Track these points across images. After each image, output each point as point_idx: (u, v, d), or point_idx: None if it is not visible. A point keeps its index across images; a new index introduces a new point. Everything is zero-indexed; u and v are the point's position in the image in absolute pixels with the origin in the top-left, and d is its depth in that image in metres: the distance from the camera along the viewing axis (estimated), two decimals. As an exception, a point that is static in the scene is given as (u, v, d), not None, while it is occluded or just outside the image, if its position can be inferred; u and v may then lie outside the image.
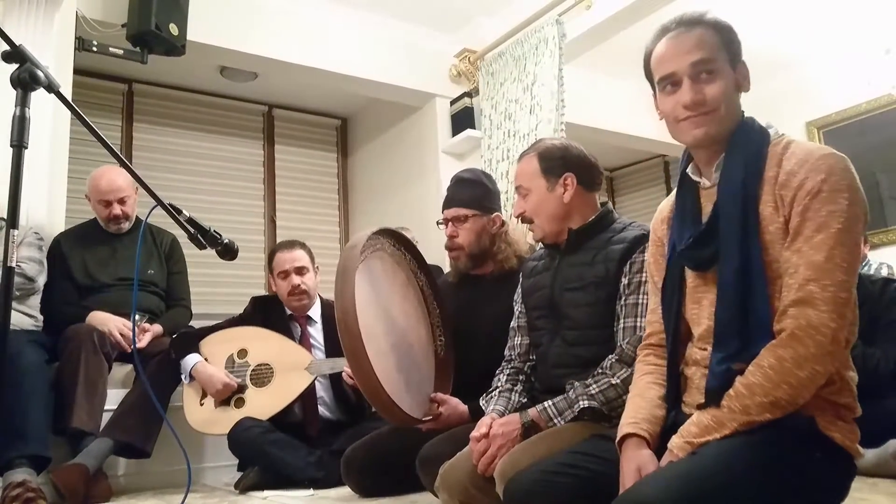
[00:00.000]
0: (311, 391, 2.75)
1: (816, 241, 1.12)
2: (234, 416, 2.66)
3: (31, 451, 2.23)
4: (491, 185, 2.34)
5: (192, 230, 1.61)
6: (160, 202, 1.57)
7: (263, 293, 4.37)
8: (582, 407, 1.60)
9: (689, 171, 1.34)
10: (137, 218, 3.07)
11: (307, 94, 5.06)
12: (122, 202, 2.94)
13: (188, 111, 4.85)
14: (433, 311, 2.27)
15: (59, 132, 3.12)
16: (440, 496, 1.67)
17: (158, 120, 4.72)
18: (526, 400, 1.82)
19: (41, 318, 2.71)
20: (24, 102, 1.28)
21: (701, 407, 1.20)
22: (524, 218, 1.86)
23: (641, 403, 1.33)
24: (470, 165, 3.88)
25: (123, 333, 2.71)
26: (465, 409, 2.04)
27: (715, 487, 1.06)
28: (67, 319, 2.71)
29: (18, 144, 1.26)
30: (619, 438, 1.30)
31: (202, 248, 1.64)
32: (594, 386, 1.61)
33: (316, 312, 2.94)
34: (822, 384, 1.12)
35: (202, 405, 2.74)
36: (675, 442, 1.18)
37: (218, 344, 2.81)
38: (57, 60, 3.10)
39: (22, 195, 1.28)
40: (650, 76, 1.33)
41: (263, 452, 2.55)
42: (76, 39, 3.33)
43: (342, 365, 2.61)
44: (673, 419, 1.28)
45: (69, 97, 1.82)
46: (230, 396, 2.73)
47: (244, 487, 2.54)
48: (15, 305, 2.52)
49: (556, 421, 1.63)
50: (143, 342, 2.77)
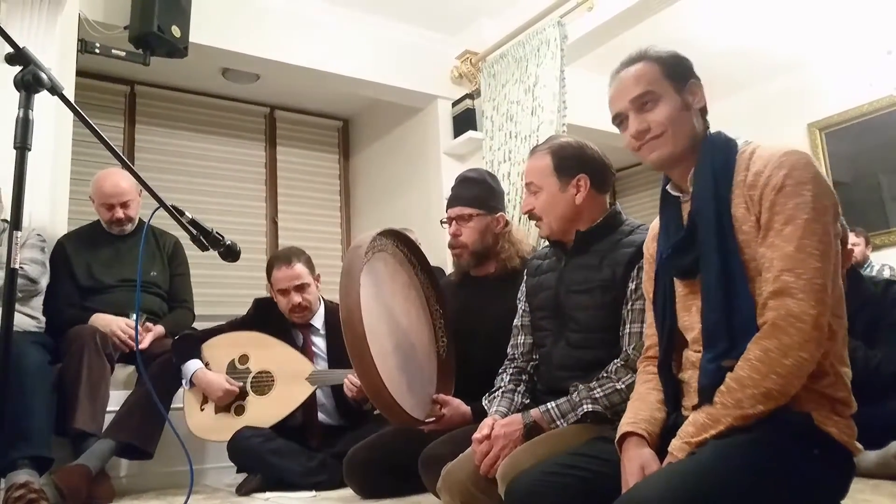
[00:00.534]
0: (311, 399, 2.72)
1: (786, 233, 1.17)
2: (234, 423, 2.65)
3: (33, 452, 2.23)
4: (495, 184, 2.34)
5: (194, 232, 1.61)
6: (162, 204, 1.57)
7: (265, 295, 4.38)
8: (586, 411, 1.60)
9: (668, 188, 1.40)
10: (140, 220, 3.07)
11: (309, 95, 5.07)
12: (124, 206, 2.94)
13: (190, 113, 4.86)
14: (435, 312, 2.27)
15: (61, 134, 3.13)
16: (442, 497, 1.66)
17: (161, 121, 4.73)
18: (528, 401, 1.82)
19: (44, 319, 2.72)
20: (27, 104, 1.28)
21: (696, 407, 1.22)
22: (532, 215, 1.84)
23: (641, 406, 1.35)
24: (471, 167, 3.88)
25: (125, 332, 2.71)
26: (467, 409, 2.04)
27: (714, 486, 1.07)
28: (70, 321, 2.72)
29: (22, 146, 1.26)
30: (618, 437, 1.31)
31: (204, 249, 1.65)
32: (598, 390, 1.61)
33: (319, 320, 2.88)
34: (811, 372, 1.14)
35: (203, 411, 2.72)
36: (674, 444, 1.20)
37: (219, 348, 2.79)
38: (59, 62, 3.11)
39: (25, 197, 1.28)
40: None
41: (264, 461, 2.53)
42: (79, 41, 3.34)
43: (342, 377, 2.59)
44: (673, 422, 1.30)
45: (72, 99, 1.82)
46: (231, 403, 2.71)
47: (246, 491, 2.54)
48: (17, 307, 2.51)
49: (558, 423, 1.63)
50: (144, 343, 2.77)
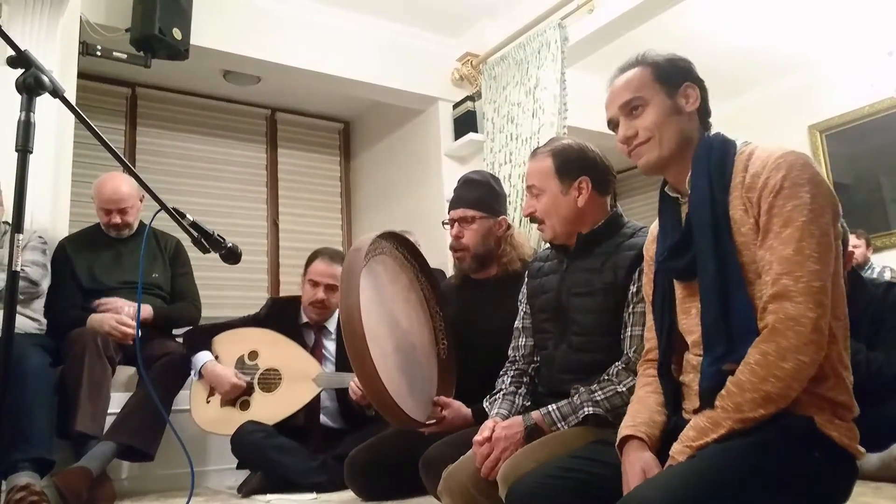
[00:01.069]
0: (315, 400, 2.74)
1: (784, 235, 1.16)
2: (238, 418, 2.67)
3: (34, 454, 2.23)
4: (498, 187, 2.34)
5: (195, 234, 1.62)
6: (164, 206, 1.57)
7: (266, 296, 4.39)
8: (586, 413, 1.60)
9: (666, 189, 1.40)
10: (141, 222, 3.08)
11: (310, 97, 5.07)
12: (122, 212, 2.94)
13: (191, 115, 4.87)
14: (435, 314, 2.27)
15: (63, 136, 3.13)
16: (443, 500, 1.66)
17: (162, 124, 4.74)
18: (529, 403, 1.82)
19: (45, 321, 2.72)
20: (29, 107, 1.28)
21: (697, 411, 1.22)
22: (534, 218, 1.83)
23: (641, 409, 1.35)
24: (472, 169, 3.88)
25: (121, 322, 2.71)
26: (468, 412, 2.04)
27: (715, 489, 1.07)
28: (71, 323, 2.72)
29: (24, 149, 1.27)
30: (618, 441, 1.31)
31: (206, 251, 1.65)
32: (599, 393, 1.61)
33: (332, 324, 2.92)
34: (811, 375, 1.14)
35: (208, 403, 2.74)
36: (675, 448, 1.20)
37: (230, 343, 2.82)
38: (61, 65, 3.11)
39: (26, 199, 1.28)
40: None
41: (266, 457, 2.55)
42: (80, 44, 3.35)
43: (349, 380, 2.60)
44: (674, 425, 1.29)
45: (73, 101, 1.83)
46: (236, 398, 2.73)
47: (247, 491, 2.54)
48: (19, 309, 2.52)
49: (559, 425, 1.63)
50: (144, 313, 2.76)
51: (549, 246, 1.92)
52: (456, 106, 4.46)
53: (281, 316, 2.91)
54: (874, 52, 4.62)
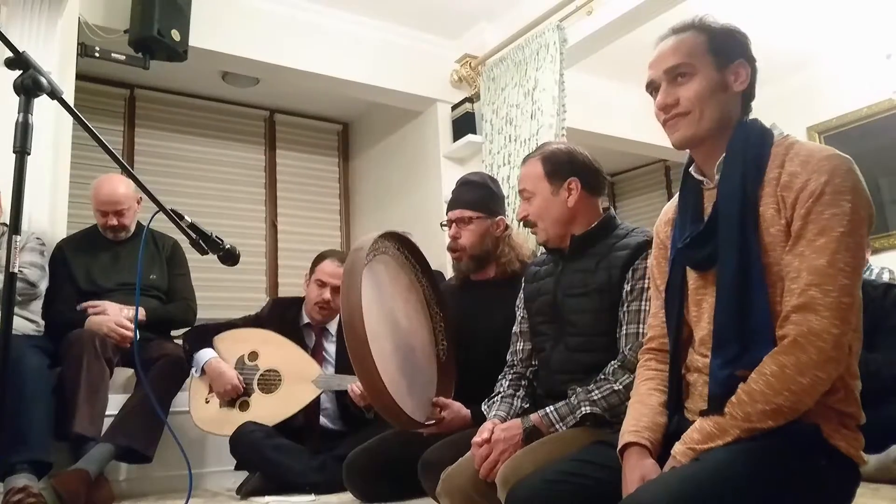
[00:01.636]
0: (314, 402, 2.73)
1: (819, 244, 1.11)
2: (237, 418, 2.67)
3: (32, 456, 2.23)
4: (496, 188, 2.35)
5: (193, 235, 1.62)
6: (162, 207, 1.57)
7: (264, 297, 4.38)
8: (584, 413, 1.60)
9: (691, 170, 1.34)
10: (139, 223, 3.07)
11: (309, 99, 5.07)
12: (119, 214, 2.94)
13: (190, 116, 4.87)
14: (435, 315, 2.27)
15: (61, 137, 3.13)
16: (442, 501, 1.66)
17: (160, 125, 4.74)
18: (528, 405, 1.82)
19: (43, 323, 2.72)
20: (27, 109, 1.28)
21: (703, 413, 1.19)
22: (527, 221, 1.86)
23: (643, 411, 1.32)
24: (471, 170, 3.88)
25: (120, 324, 2.70)
26: (467, 413, 2.04)
27: (716, 493, 1.05)
28: (69, 324, 2.71)
29: (21, 150, 1.26)
30: (620, 446, 1.29)
31: (204, 253, 1.65)
32: (596, 392, 1.61)
33: (333, 326, 2.93)
34: (826, 391, 1.11)
35: (207, 402, 2.74)
36: (677, 448, 1.18)
37: (231, 342, 2.82)
38: (59, 66, 3.11)
39: (24, 200, 1.28)
40: None
41: (265, 457, 2.54)
42: (79, 45, 3.34)
43: (349, 382, 2.60)
44: (676, 425, 1.27)
45: (71, 102, 1.83)
46: (235, 398, 2.73)
47: (246, 492, 2.54)
48: (17, 310, 2.52)
49: (557, 426, 1.63)
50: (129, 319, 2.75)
51: (545, 251, 1.94)
52: (454, 107, 4.46)
53: (282, 317, 2.91)
54: (873, 53, 4.62)
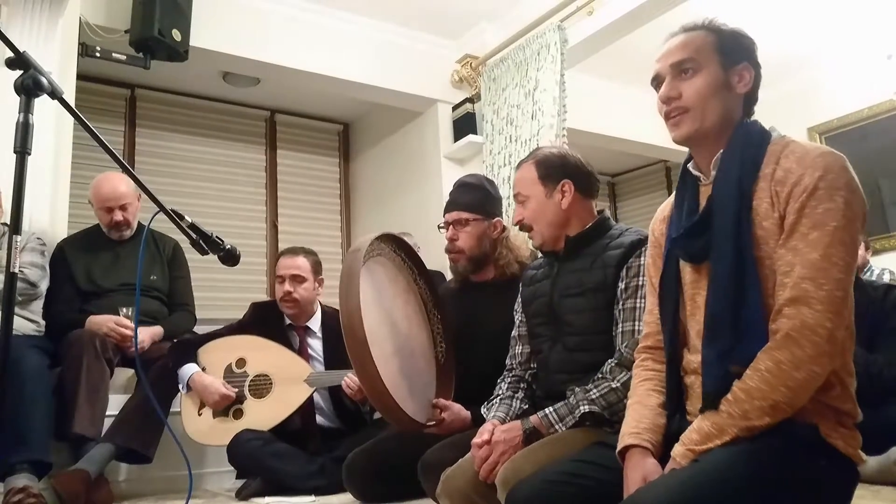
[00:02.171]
0: (308, 402, 2.72)
1: (812, 238, 1.12)
2: (232, 427, 2.64)
3: (32, 456, 2.22)
4: (493, 190, 2.35)
5: (194, 236, 1.61)
6: (162, 208, 1.57)
7: (265, 298, 4.38)
8: (583, 412, 1.60)
9: (689, 166, 1.35)
10: (140, 223, 3.07)
11: (309, 99, 5.07)
12: (123, 209, 2.94)
13: (191, 116, 4.87)
14: (433, 317, 2.27)
15: (62, 137, 3.13)
16: (441, 502, 1.66)
17: (161, 125, 4.74)
18: (527, 406, 1.82)
19: (43, 323, 2.72)
20: (27, 109, 1.28)
21: (700, 411, 1.19)
22: (523, 225, 1.88)
23: (643, 412, 1.32)
24: (471, 171, 3.89)
25: (120, 324, 2.70)
26: (467, 414, 2.04)
27: (716, 494, 1.06)
28: (69, 325, 2.71)
29: (22, 150, 1.26)
30: (621, 448, 1.29)
31: (204, 253, 1.64)
32: (594, 391, 1.62)
33: (316, 323, 2.90)
34: (821, 388, 1.12)
35: (200, 415, 2.71)
36: (677, 450, 1.18)
37: (216, 352, 2.79)
38: (60, 66, 3.11)
39: (25, 200, 1.28)
40: None
41: (264, 465, 2.53)
42: (79, 45, 3.34)
43: (341, 377, 2.60)
44: (677, 425, 1.27)
45: (72, 102, 1.82)
46: (229, 407, 2.70)
47: (246, 495, 2.53)
48: (17, 310, 2.52)
49: (557, 427, 1.63)
50: (143, 341, 2.75)
51: (541, 255, 1.95)
52: (455, 108, 4.46)
53: (264, 320, 2.88)
54: (873, 54, 4.62)
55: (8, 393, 1.25)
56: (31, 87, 1.28)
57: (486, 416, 1.81)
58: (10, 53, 1.28)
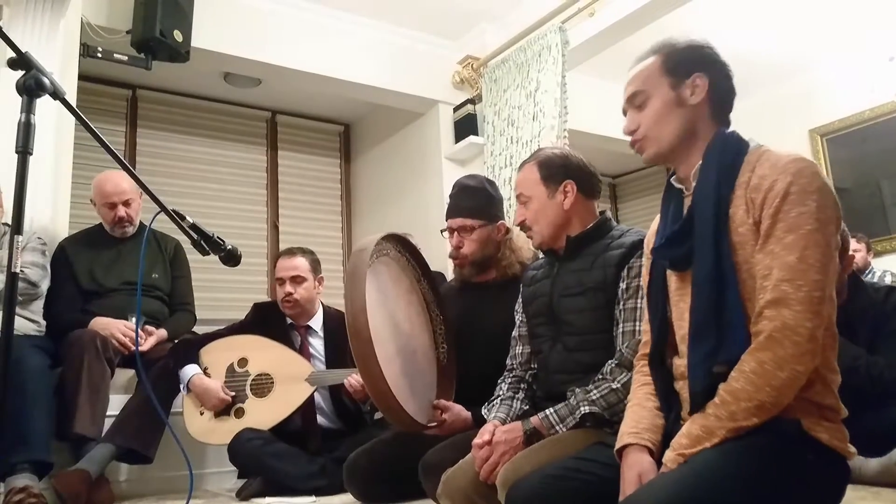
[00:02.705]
0: (309, 402, 2.73)
1: (788, 241, 1.15)
2: (233, 426, 2.65)
3: (33, 456, 2.23)
4: (494, 192, 2.34)
5: (195, 236, 1.61)
6: (163, 208, 1.57)
7: (265, 299, 4.38)
8: (583, 413, 1.60)
9: (672, 180, 1.40)
10: (141, 223, 3.07)
11: (310, 100, 5.07)
12: (126, 204, 2.95)
13: (192, 117, 4.87)
14: (435, 318, 2.27)
15: (63, 138, 3.13)
16: (442, 503, 1.66)
17: (162, 126, 4.74)
18: (528, 407, 1.82)
19: (44, 323, 2.72)
20: (29, 109, 1.28)
21: (689, 414, 1.22)
22: (524, 225, 1.88)
23: (642, 413, 1.34)
24: (473, 172, 3.88)
25: (125, 334, 2.71)
26: (468, 415, 2.03)
27: (710, 494, 1.07)
28: (71, 324, 2.71)
29: (23, 151, 1.26)
30: (619, 447, 1.30)
31: (205, 253, 1.64)
32: (595, 391, 1.62)
33: (317, 322, 2.92)
34: (803, 384, 1.14)
35: (202, 414, 2.72)
36: (668, 456, 1.19)
37: (218, 352, 2.80)
38: (62, 66, 3.11)
39: (26, 200, 1.28)
40: None
41: (264, 465, 2.54)
42: (81, 46, 3.35)
43: (343, 377, 2.60)
44: (670, 428, 1.29)
45: (74, 103, 1.83)
46: (230, 406, 2.71)
47: (246, 496, 2.54)
48: (18, 310, 2.52)
49: (557, 428, 1.63)
50: (146, 346, 2.77)
51: (542, 255, 1.95)
52: (456, 109, 4.46)
53: (266, 320, 2.90)
54: (875, 56, 4.62)
55: (9, 393, 1.25)
56: (33, 87, 1.28)
57: (486, 416, 1.81)
58: (12, 54, 1.28)
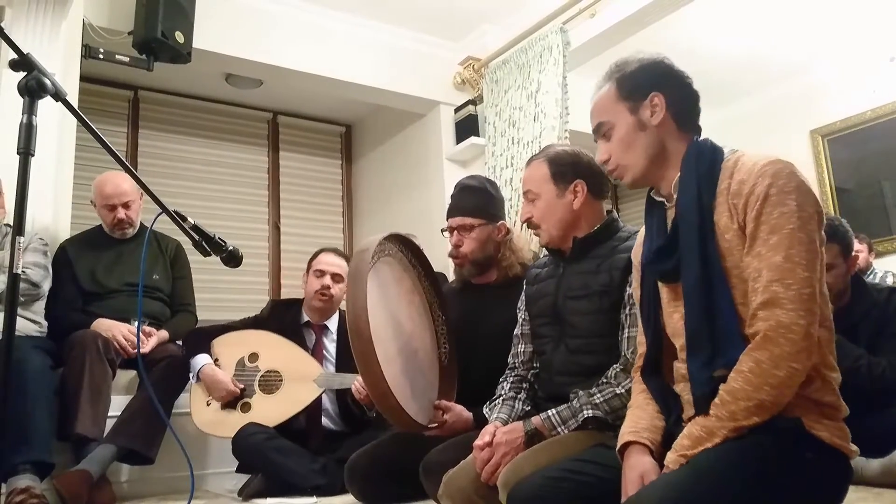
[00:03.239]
0: (316, 402, 2.74)
1: (773, 242, 1.16)
2: (239, 420, 2.67)
3: (34, 457, 2.23)
4: (495, 192, 2.34)
5: (196, 237, 1.61)
6: (165, 209, 1.57)
7: (266, 299, 4.38)
8: (586, 416, 1.60)
9: (652, 193, 1.41)
10: (142, 224, 3.07)
11: (312, 101, 5.08)
12: (126, 206, 2.95)
13: (193, 118, 4.87)
14: (437, 318, 2.27)
15: (65, 139, 3.13)
16: (443, 504, 1.66)
17: (164, 127, 4.74)
18: (529, 408, 1.82)
19: (45, 323, 2.72)
20: (31, 110, 1.28)
21: (691, 417, 1.22)
22: (531, 223, 1.85)
23: (641, 415, 1.35)
24: (474, 173, 3.88)
25: (128, 339, 2.72)
26: (469, 416, 2.03)
27: (711, 494, 1.08)
28: (72, 325, 2.72)
29: (25, 152, 1.27)
30: (620, 446, 1.31)
31: (207, 255, 1.64)
32: (598, 395, 1.61)
33: (333, 323, 2.95)
34: (801, 382, 1.15)
35: (209, 406, 2.75)
36: (670, 457, 1.20)
37: (230, 345, 2.82)
38: (64, 67, 3.12)
39: (28, 202, 1.28)
40: None
41: (267, 459, 2.54)
42: (83, 47, 3.35)
43: (351, 381, 2.61)
44: (670, 431, 1.29)
45: (75, 104, 1.83)
46: (237, 400, 2.73)
47: (247, 494, 2.54)
48: (20, 311, 2.52)
49: (559, 429, 1.63)
50: (147, 347, 2.77)
51: (547, 253, 1.94)
52: (457, 110, 4.46)
53: (281, 317, 2.92)
54: (876, 57, 4.62)
55: (10, 394, 1.25)
56: (35, 88, 1.28)
57: (488, 416, 1.81)
58: (14, 55, 1.28)
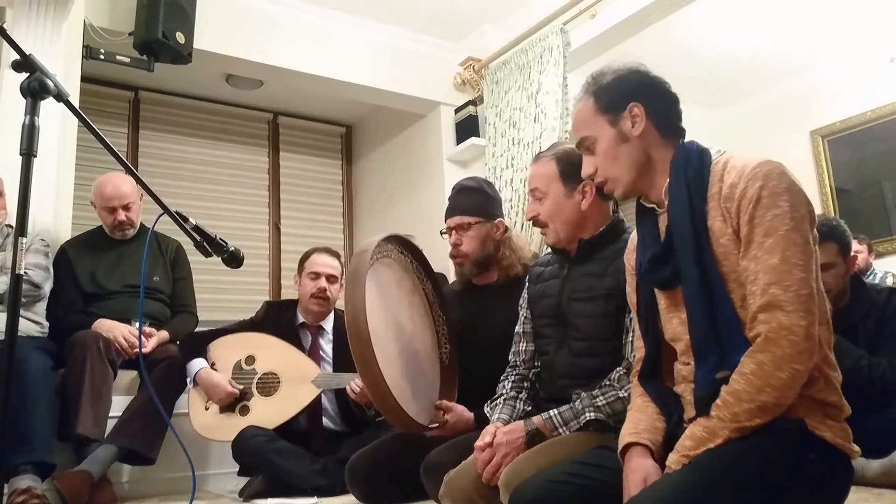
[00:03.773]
0: (316, 403, 2.74)
1: (768, 245, 1.16)
2: (238, 423, 2.67)
3: (35, 457, 2.23)
4: (492, 191, 2.34)
5: (197, 238, 1.61)
6: (166, 209, 1.57)
7: (267, 300, 4.38)
8: (588, 419, 1.60)
9: (642, 200, 1.40)
10: (143, 225, 3.08)
11: (312, 101, 5.08)
12: (126, 208, 2.95)
13: (194, 119, 4.88)
14: (438, 318, 2.27)
15: (66, 139, 3.14)
16: (444, 504, 1.66)
17: (164, 127, 4.75)
18: (530, 408, 1.82)
19: (47, 324, 2.72)
20: (33, 111, 1.28)
21: (693, 418, 1.22)
22: (537, 221, 1.83)
23: (641, 416, 1.35)
24: (474, 173, 3.88)
25: (129, 340, 2.72)
26: (470, 416, 2.03)
27: (713, 495, 1.08)
28: (73, 326, 2.72)
29: (28, 153, 1.27)
30: (621, 448, 1.31)
31: (208, 255, 1.64)
32: (601, 398, 1.61)
33: (329, 324, 2.95)
34: (804, 382, 1.15)
35: (207, 410, 2.74)
36: (672, 458, 1.20)
37: (227, 348, 2.82)
38: (65, 68, 3.12)
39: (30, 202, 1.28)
40: None
41: (267, 461, 2.54)
42: (84, 47, 3.36)
43: (348, 380, 2.61)
44: (672, 433, 1.29)
45: (76, 104, 1.83)
46: (235, 403, 2.73)
47: (248, 495, 2.54)
48: (21, 312, 2.51)
49: (561, 430, 1.63)
50: (148, 347, 2.77)
51: (550, 251, 1.92)
52: (458, 110, 4.47)
53: (277, 319, 2.91)
54: (876, 57, 4.62)
55: (12, 394, 1.25)
56: (37, 89, 1.28)
57: (489, 416, 1.81)
58: (16, 56, 1.28)
